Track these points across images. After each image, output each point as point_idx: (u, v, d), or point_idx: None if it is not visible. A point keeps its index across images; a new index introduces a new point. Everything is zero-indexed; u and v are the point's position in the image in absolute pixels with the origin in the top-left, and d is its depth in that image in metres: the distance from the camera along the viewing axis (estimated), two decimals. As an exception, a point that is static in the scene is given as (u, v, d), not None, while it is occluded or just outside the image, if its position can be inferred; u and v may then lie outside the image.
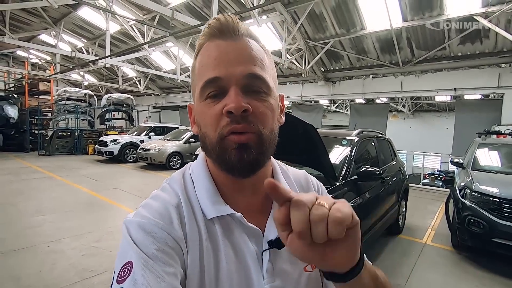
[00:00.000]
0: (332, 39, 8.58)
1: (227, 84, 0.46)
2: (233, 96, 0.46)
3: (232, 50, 0.47)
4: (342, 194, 2.69)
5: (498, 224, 3.21)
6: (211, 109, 0.47)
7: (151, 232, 0.45)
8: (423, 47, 7.92)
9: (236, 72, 0.46)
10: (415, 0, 6.63)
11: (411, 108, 16.85)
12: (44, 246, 3.50)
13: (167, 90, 17.66)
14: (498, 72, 7.35)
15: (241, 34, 0.49)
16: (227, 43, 0.48)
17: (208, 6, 8.56)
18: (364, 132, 3.73)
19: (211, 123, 0.48)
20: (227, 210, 0.51)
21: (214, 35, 0.49)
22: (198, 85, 0.49)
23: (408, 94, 9.34)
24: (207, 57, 0.48)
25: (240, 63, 0.47)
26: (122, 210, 5.20)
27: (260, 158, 0.49)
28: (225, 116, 0.46)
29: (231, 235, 0.51)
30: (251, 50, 0.49)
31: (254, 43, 0.50)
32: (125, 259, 0.43)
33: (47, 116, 14.19)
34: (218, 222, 0.51)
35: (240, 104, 0.45)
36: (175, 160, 10.10)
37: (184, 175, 0.57)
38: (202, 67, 0.49)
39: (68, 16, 11.43)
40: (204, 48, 0.50)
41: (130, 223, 0.47)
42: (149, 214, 0.48)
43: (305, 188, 0.66)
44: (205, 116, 0.48)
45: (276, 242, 0.52)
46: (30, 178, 7.48)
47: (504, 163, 4.41)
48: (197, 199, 0.52)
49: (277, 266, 0.53)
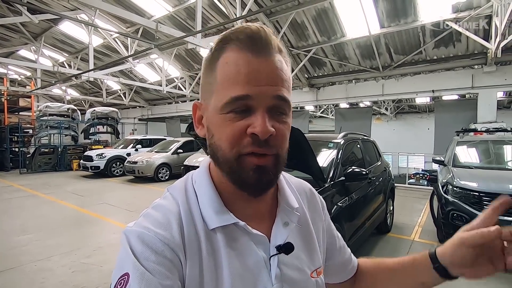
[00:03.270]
0: (314, 46, 8.84)
1: (255, 104, 0.45)
2: (260, 120, 0.45)
3: (264, 69, 0.46)
4: (331, 195, 2.78)
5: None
6: (233, 125, 0.46)
7: (150, 243, 0.44)
8: (401, 52, 8.27)
9: (267, 92, 0.46)
10: (391, 8, 6.96)
11: (394, 110, 17.38)
12: (32, 265, 3.39)
13: (152, 102, 17.53)
14: (472, 74, 7.75)
15: (273, 50, 0.47)
16: (259, 61, 0.46)
17: (192, 18, 8.66)
18: (350, 135, 3.85)
19: (229, 140, 0.46)
20: (231, 219, 0.50)
21: (244, 45, 0.46)
22: (220, 98, 0.46)
23: (390, 97, 9.68)
24: (236, 72, 0.46)
25: (271, 84, 0.46)
26: (111, 224, 5.10)
27: (275, 179, 0.50)
28: (248, 136, 0.45)
29: (236, 243, 0.50)
30: (281, 71, 0.47)
31: (283, 60, 0.49)
32: (122, 270, 0.43)
33: (28, 133, 13.79)
34: (222, 232, 0.50)
35: (267, 129, 0.44)
36: (163, 172, 9.98)
37: (186, 184, 0.55)
38: (229, 80, 0.46)
39: (49, 31, 11.29)
40: (230, 54, 0.47)
41: (130, 233, 0.46)
42: (149, 224, 0.47)
43: (310, 198, 0.67)
44: (224, 130, 0.47)
45: (285, 247, 0.52)
46: (13, 197, 7.22)
47: (482, 158, 4.64)
48: (199, 209, 0.51)
49: (285, 272, 0.53)
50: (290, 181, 0.65)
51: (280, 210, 0.57)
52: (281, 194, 0.58)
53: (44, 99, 17.95)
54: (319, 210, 0.68)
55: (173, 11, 8.77)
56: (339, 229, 2.70)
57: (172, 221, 0.48)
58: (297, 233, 0.59)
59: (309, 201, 0.67)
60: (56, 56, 13.54)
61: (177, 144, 10.76)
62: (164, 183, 9.53)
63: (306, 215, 0.63)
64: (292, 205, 0.58)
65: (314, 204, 0.67)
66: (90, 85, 15.85)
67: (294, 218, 0.57)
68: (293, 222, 0.57)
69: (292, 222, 0.57)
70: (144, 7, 8.99)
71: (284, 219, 0.56)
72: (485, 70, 7.48)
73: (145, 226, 0.46)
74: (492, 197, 3.38)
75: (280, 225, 0.55)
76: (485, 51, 7.27)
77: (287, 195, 0.59)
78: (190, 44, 6.26)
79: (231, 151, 0.46)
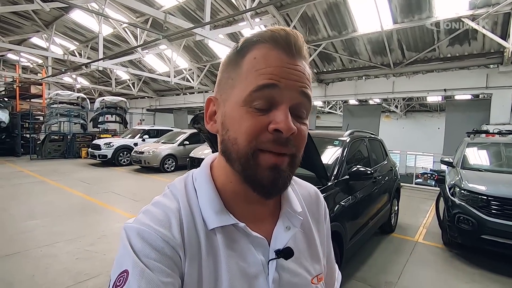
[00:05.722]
0: (324, 41, 8.67)
1: (280, 96, 0.44)
2: (284, 116, 0.44)
3: (294, 68, 0.46)
4: (334, 194, 2.74)
5: (486, 221, 3.29)
6: (255, 118, 0.44)
7: (150, 240, 0.44)
8: (414, 49, 8.05)
9: (294, 86, 0.45)
10: (405, 3, 6.76)
11: (404, 108, 17.08)
12: (37, 251, 3.47)
13: (161, 92, 17.60)
14: (486, 73, 7.51)
15: (303, 56, 0.48)
16: (289, 60, 0.46)
17: (201, 8, 8.59)
18: (356, 133, 3.79)
19: (248, 133, 0.44)
20: (230, 220, 0.49)
21: (277, 44, 0.46)
22: (245, 88, 0.45)
23: (400, 95, 9.47)
24: (265, 63, 0.45)
25: (298, 81, 0.46)
26: (116, 213, 5.18)
27: (289, 181, 0.48)
28: (269, 132, 0.44)
29: (235, 245, 0.50)
30: (307, 74, 0.48)
31: (307, 66, 0.49)
32: (122, 267, 0.43)
33: (39, 120, 14.03)
34: (221, 232, 0.49)
35: (291, 126, 0.43)
36: (169, 163, 10.05)
37: (186, 183, 0.54)
38: (255, 71, 0.45)
39: (60, 19, 11.35)
40: (260, 51, 0.46)
41: (129, 229, 0.46)
42: (149, 221, 0.47)
43: (315, 202, 0.65)
44: (243, 123, 0.45)
45: (284, 252, 0.51)
46: (22, 182, 7.39)
47: (492, 161, 4.51)
48: (199, 208, 0.50)
49: (284, 277, 0.52)
50: (294, 183, 0.63)
51: (283, 214, 0.55)
52: (284, 197, 0.57)
53: (55, 87, 18.20)
54: (322, 215, 0.66)
55: (183, 2, 8.69)
56: (341, 228, 2.64)
57: (172, 219, 0.47)
58: (299, 238, 0.58)
59: (314, 205, 0.65)
60: (67, 45, 13.65)
61: (183, 135, 10.81)
62: (170, 174, 9.61)
63: (309, 220, 0.61)
64: (295, 209, 0.56)
65: (318, 208, 0.66)
66: (100, 74, 15.99)
67: (297, 222, 0.56)
68: (295, 227, 0.55)
69: (294, 227, 0.55)
70: (154, -3, 8.95)
71: (286, 223, 0.55)
72: (500, 70, 7.23)
73: (145, 223, 0.46)
74: (501, 201, 3.30)
75: (282, 229, 0.54)
76: (501, 50, 7.01)
77: (290, 199, 0.57)
78: (198, 36, 6.21)
79: (249, 145, 0.45)
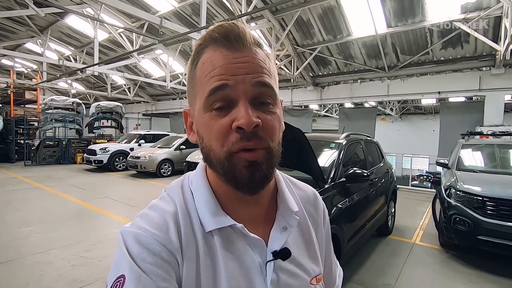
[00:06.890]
0: (319, 45, 8.75)
1: (235, 94, 0.44)
2: (243, 111, 0.43)
3: (240, 60, 0.45)
4: (331, 197, 2.75)
5: (482, 222, 3.31)
6: (218, 122, 0.44)
7: (147, 244, 0.44)
8: (408, 52, 8.16)
9: (245, 80, 0.44)
10: (398, 7, 6.86)
11: (399, 111, 17.23)
12: (32, 258, 3.42)
13: (157, 97, 17.57)
14: (479, 76, 7.63)
15: (249, 43, 0.46)
16: (234, 54, 0.45)
17: (197, 13, 8.63)
18: (352, 135, 3.81)
19: (217, 138, 0.44)
20: (228, 221, 0.49)
21: (218, 43, 0.45)
22: (201, 95, 0.46)
23: (395, 97, 9.58)
24: (211, 66, 0.45)
25: (249, 72, 0.45)
26: (112, 219, 5.13)
27: (270, 173, 0.48)
28: (234, 131, 0.43)
29: (233, 246, 0.49)
30: (258, 60, 0.46)
31: (260, 51, 0.47)
32: (118, 272, 0.42)
33: (33, 126, 13.91)
34: (218, 234, 0.49)
35: (251, 120, 0.42)
36: (165, 168, 10.01)
37: (183, 185, 0.54)
38: (205, 76, 0.45)
39: (55, 24, 11.33)
40: (206, 56, 0.46)
41: (126, 234, 0.45)
42: (146, 224, 0.46)
43: (313, 203, 0.65)
44: (211, 130, 0.45)
45: (281, 253, 0.51)
46: (16, 189, 7.29)
47: (486, 162, 4.56)
48: (196, 211, 0.50)
49: (282, 278, 0.51)
50: (290, 183, 0.63)
51: (279, 214, 0.55)
52: (280, 197, 0.57)
53: (50, 92, 18.08)
54: (321, 216, 0.66)
55: (179, 7, 8.74)
56: (338, 231, 2.64)
57: (169, 222, 0.47)
58: (297, 238, 0.57)
59: (312, 206, 0.64)
60: (62, 50, 13.61)
61: (180, 140, 10.77)
62: (167, 178, 9.56)
63: (307, 220, 0.61)
64: (292, 208, 0.56)
65: (317, 209, 0.65)
66: (95, 79, 15.92)
67: (294, 222, 0.55)
68: (292, 226, 0.55)
69: (291, 227, 0.55)
70: (150, 2, 8.98)
71: (283, 224, 0.54)
72: (493, 72, 7.36)
73: (141, 227, 0.46)
74: (496, 202, 3.33)
75: (278, 229, 0.54)
76: (493, 53, 7.13)
77: (286, 198, 0.57)
78: (194, 40, 6.22)
79: (222, 150, 0.45)
